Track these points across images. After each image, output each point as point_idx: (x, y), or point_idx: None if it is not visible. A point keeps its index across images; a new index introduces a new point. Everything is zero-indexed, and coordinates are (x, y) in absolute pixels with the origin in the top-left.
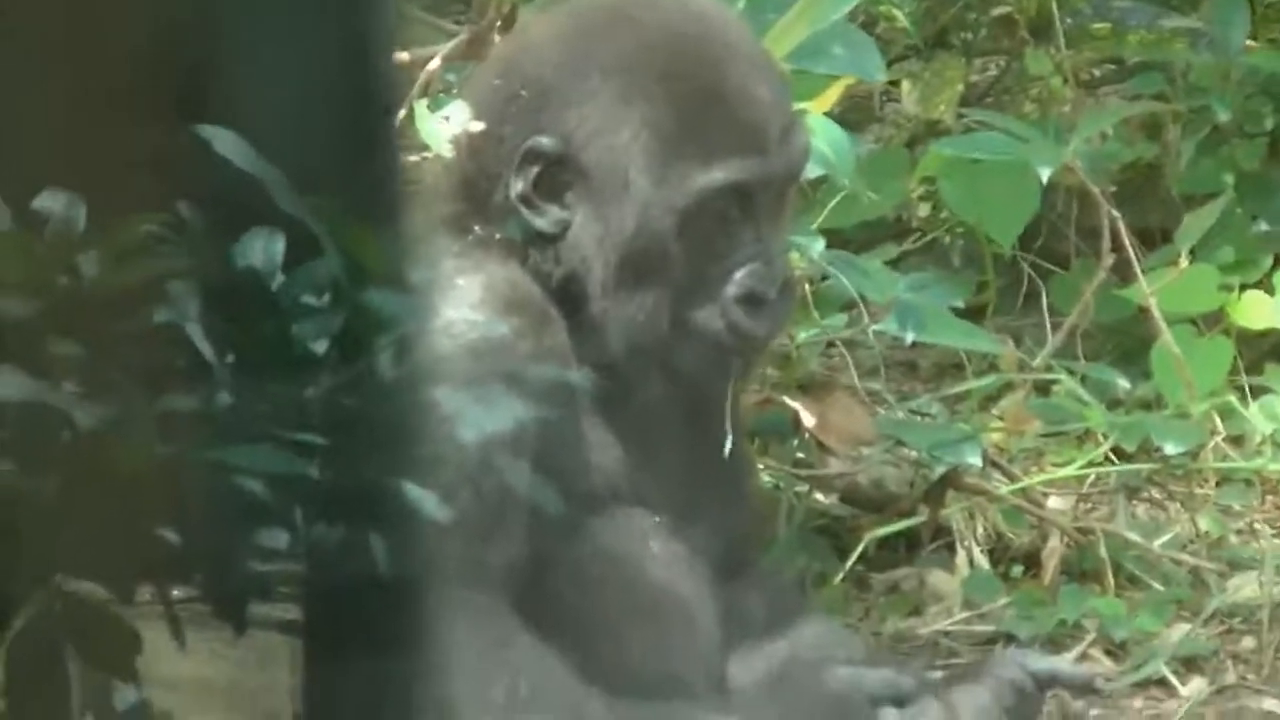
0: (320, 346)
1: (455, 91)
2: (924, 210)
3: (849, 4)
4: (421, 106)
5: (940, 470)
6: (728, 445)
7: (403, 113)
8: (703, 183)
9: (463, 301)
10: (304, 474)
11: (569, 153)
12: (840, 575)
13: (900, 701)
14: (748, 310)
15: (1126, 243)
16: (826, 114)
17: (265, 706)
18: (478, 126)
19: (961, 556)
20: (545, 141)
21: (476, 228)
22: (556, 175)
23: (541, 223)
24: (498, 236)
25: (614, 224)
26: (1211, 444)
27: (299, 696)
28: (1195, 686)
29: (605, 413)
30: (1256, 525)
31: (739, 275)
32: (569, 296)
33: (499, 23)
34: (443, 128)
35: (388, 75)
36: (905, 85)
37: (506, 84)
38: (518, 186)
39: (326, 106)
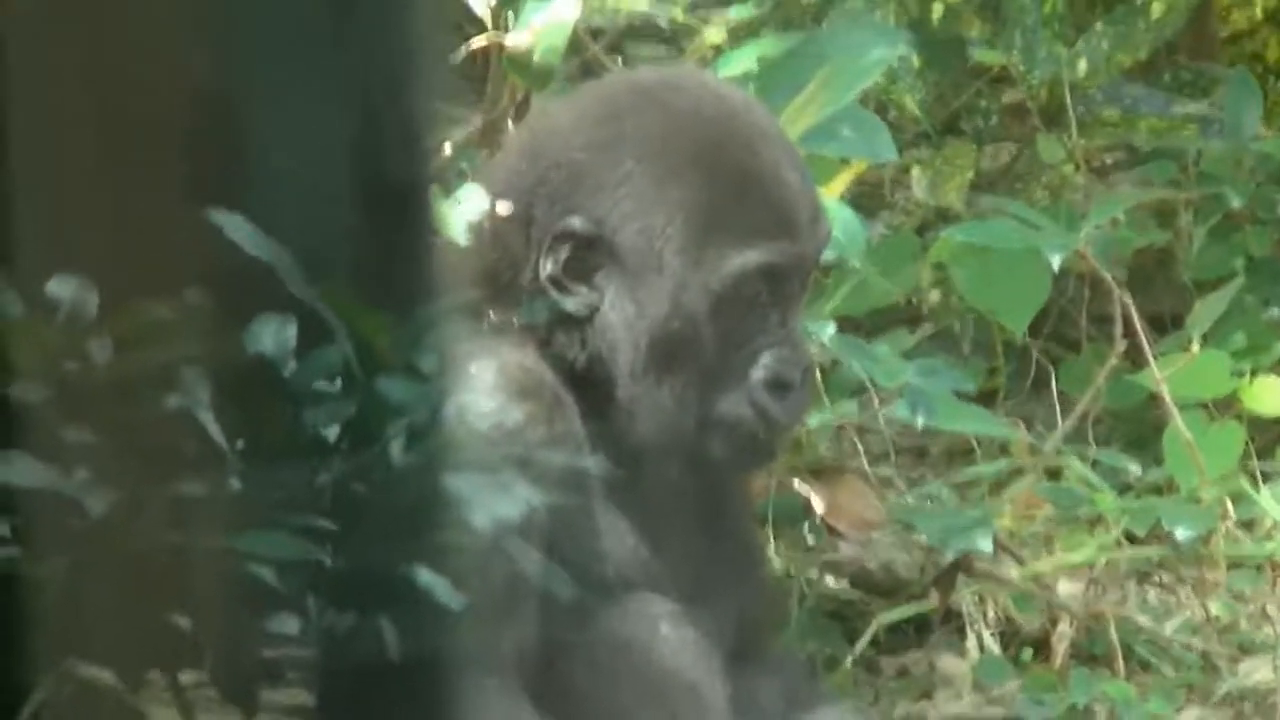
0: (332, 433)
1: (469, 178)
2: (935, 296)
3: (860, 87)
4: (436, 192)
5: (950, 555)
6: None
7: None
8: (738, 265)
9: (476, 387)
10: (315, 560)
11: (602, 234)
12: (850, 659)
13: None
14: (774, 395)
15: (1138, 328)
16: (838, 198)
17: None
18: (505, 208)
19: (972, 640)
20: (578, 222)
21: (493, 313)
22: (588, 257)
23: (570, 304)
24: (515, 322)
25: (646, 306)
26: (1222, 529)
27: None
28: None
29: (618, 499)
30: (1268, 610)
31: (765, 360)
32: (591, 381)
33: (513, 110)
34: (457, 214)
35: (425, 156)
36: (916, 172)
37: (533, 167)
38: (547, 267)
39: (360, 185)
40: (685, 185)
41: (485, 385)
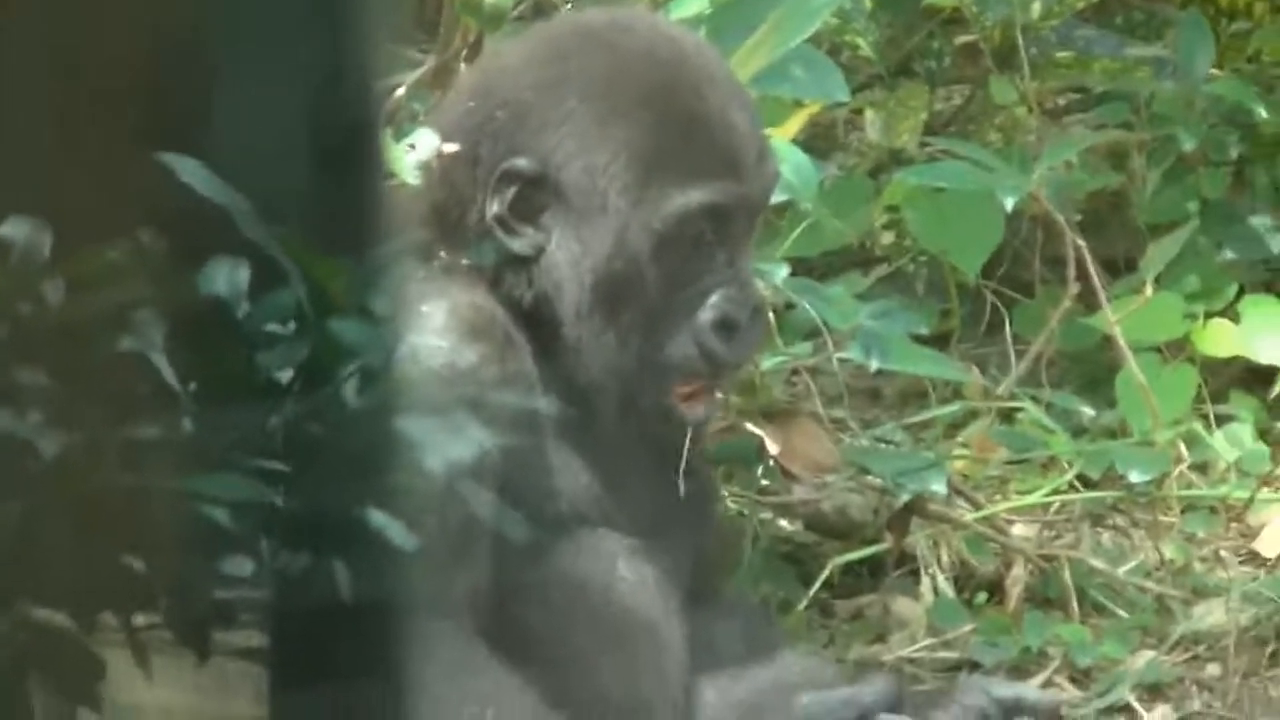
0: (285, 375)
1: (421, 120)
2: (888, 238)
3: (811, 28)
4: (387, 135)
5: (905, 498)
6: (682, 481)
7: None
8: (681, 204)
9: (427, 328)
10: (268, 502)
11: (547, 174)
12: (804, 602)
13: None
14: (721, 335)
15: (1091, 271)
16: (790, 140)
17: None
18: (451, 149)
19: (926, 583)
20: (523, 162)
21: (443, 254)
22: (533, 197)
23: (517, 245)
24: (464, 262)
25: (590, 245)
26: (1176, 471)
27: None
28: (1160, 714)
29: (571, 437)
30: (1221, 553)
31: (713, 300)
32: (540, 321)
33: (464, 51)
34: (409, 156)
35: (373, 97)
36: (869, 113)
37: (481, 106)
38: (493, 208)
39: (310, 128)
40: (629, 124)
41: (436, 325)
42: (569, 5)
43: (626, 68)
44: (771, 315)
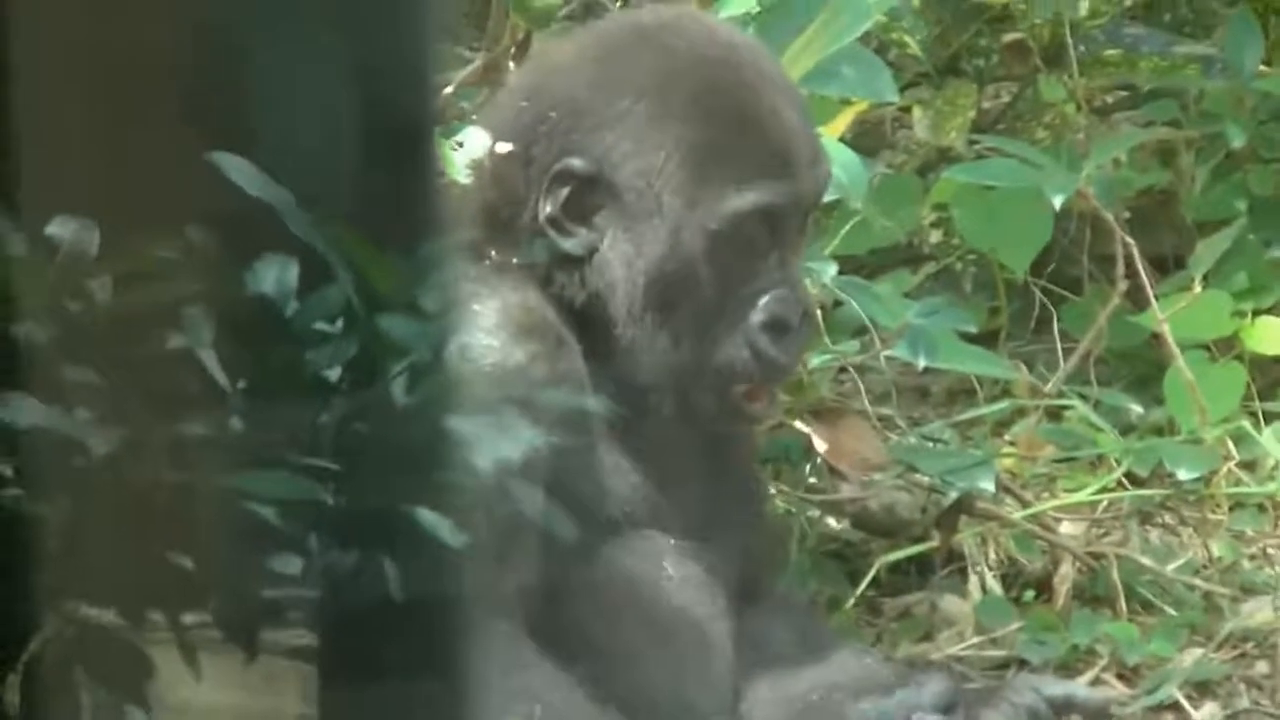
0: (334, 372)
1: (470, 118)
2: (936, 236)
3: (861, 28)
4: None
5: (953, 496)
6: (732, 480)
7: None
8: (735, 205)
9: (478, 326)
10: (317, 500)
11: (601, 174)
12: (852, 600)
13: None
14: (773, 337)
15: (1140, 268)
16: (839, 139)
17: None
18: (505, 148)
19: (974, 581)
20: (577, 163)
21: (494, 253)
22: (587, 197)
23: (569, 245)
24: (515, 261)
25: (644, 246)
26: (1224, 469)
27: None
28: (1208, 711)
29: (621, 437)
30: (1270, 550)
31: (764, 301)
32: (591, 321)
33: (513, 50)
34: (458, 154)
35: (428, 94)
36: (917, 111)
37: (534, 106)
38: (547, 208)
39: (365, 126)
40: (684, 125)
41: (488, 324)
42: (619, 4)
43: (680, 68)
44: (819, 313)
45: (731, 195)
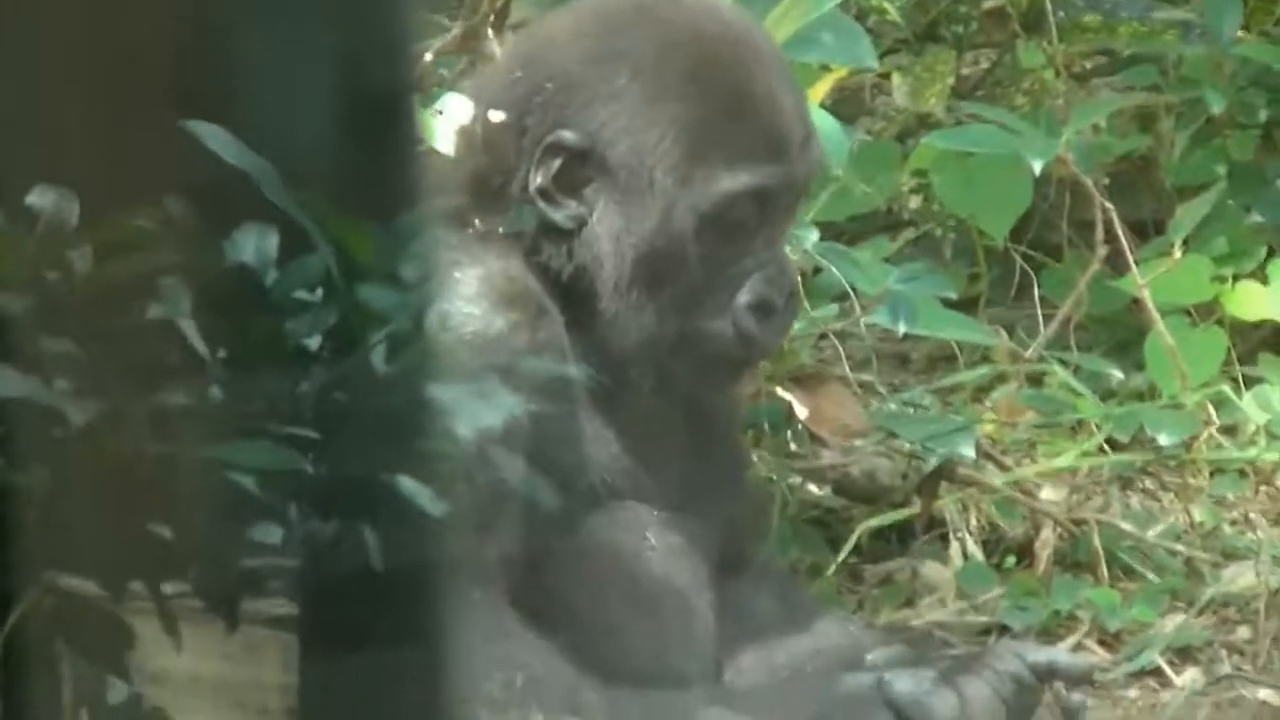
0: (313, 341)
1: (450, 85)
2: (915, 203)
3: None
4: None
5: (933, 462)
6: (713, 449)
7: None
8: (727, 187)
9: (460, 293)
10: (297, 469)
11: (593, 148)
12: (833, 567)
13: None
14: (758, 318)
15: (1119, 234)
16: (818, 105)
17: (257, 702)
18: (497, 117)
19: (955, 548)
20: (570, 136)
21: (478, 221)
22: (578, 170)
23: (558, 217)
24: (501, 230)
25: (634, 222)
26: (1205, 434)
27: (292, 692)
28: (1190, 677)
29: (602, 407)
30: (1251, 515)
31: (751, 281)
32: (576, 293)
33: (492, 17)
34: (438, 122)
35: (407, 62)
36: (896, 78)
37: (528, 77)
38: (537, 179)
39: (345, 93)
40: (679, 103)
41: (469, 291)
42: None
43: (677, 45)
44: (800, 279)
45: (724, 176)
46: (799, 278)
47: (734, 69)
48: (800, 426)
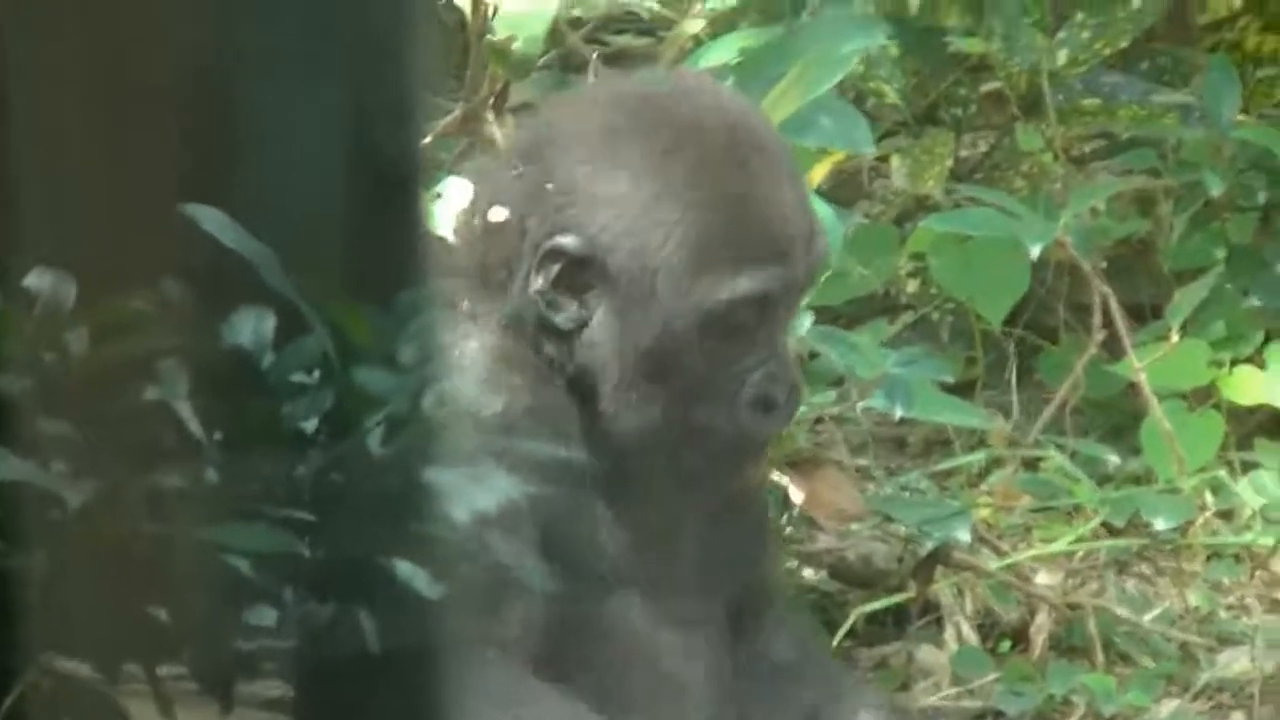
0: (310, 424)
1: (452, 169)
2: (913, 286)
3: (837, 77)
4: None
5: (929, 546)
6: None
7: None
8: (729, 293)
9: (459, 368)
10: (293, 552)
11: (594, 254)
12: (829, 651)
13: None
14: (760, 414)
15: (1116, 318)
16: (815, 189)
17: None
18: (499, 214)
19: (950, 632)
20: (570, 241)
21: (480, 309)
22: (579, 275)
23: (559, 319)
24: (504, 324)
25: (635, 328)
26: (1201, 519)
27: None
28: None
29: (606, 490)
30: (1246, 600)
31: (753, 378)
32: (579, 387)
33: (492, 99)
34: (438, 206)
35: (417, 143)
36: (894, 161)
37: (530, 175)
38: (538, 282)
39: (348, 175)
40: (680, 207)
41: (469, 364)
42: (595, 55)
43: (678, 146)
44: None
45: (727, 284)
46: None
47: (737, 170)
48: (796, 511)
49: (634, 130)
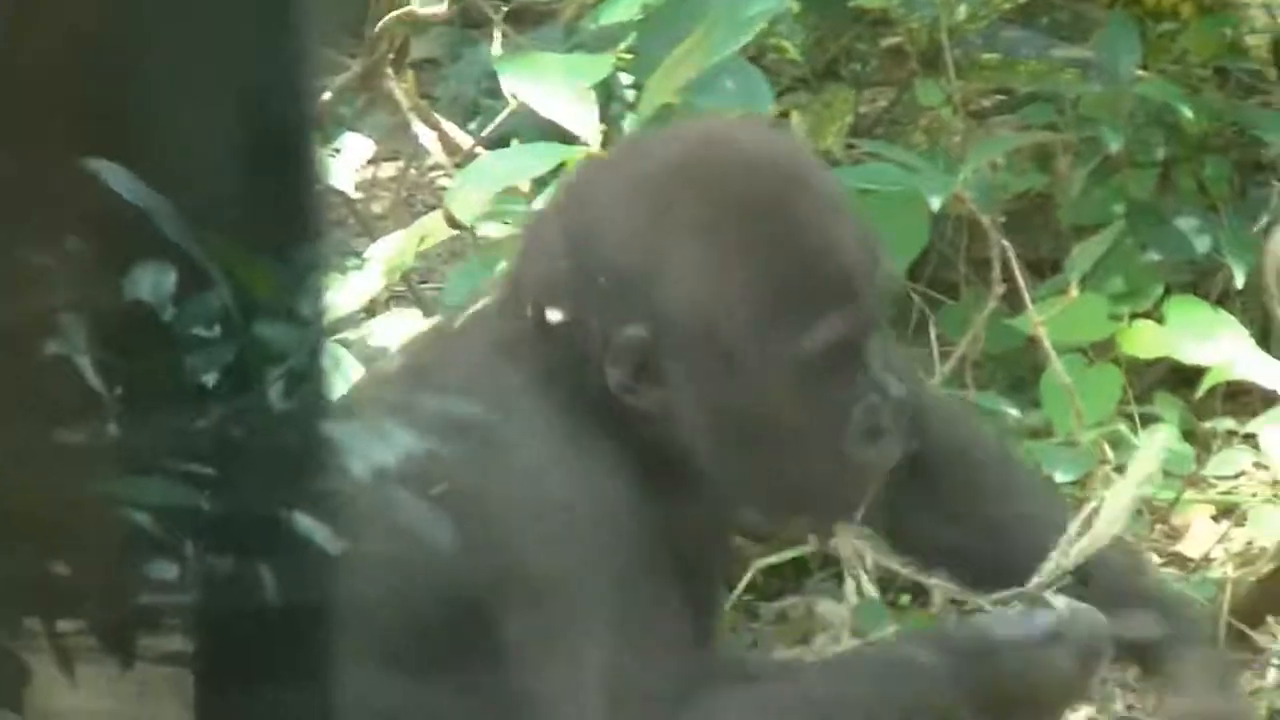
0: (211, 378)
1: (348, 124)
2: None
3: (744, 40)
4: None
5: None
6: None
7: None
8: (807, 346)
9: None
10: (193, 505)
11: (662, 338)
12: (729, 603)
13: None
14: (869, 445)
15: (1016, 272)
16: None
17: None
18: (556, 316)
19: (850, 585)
20: (636, 332)
21: (565, 419)
22: (653, 359)
23: (644, 405)
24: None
25: (720, 397)
26: (1101, 472)
27: None
28: (1083, 715)
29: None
30: (1146, 554)
31: (855, 414)
32: (670, 461)
33: (392, 55)
34: (338, 161)
35: (310, 99)
36: (795, 116)
37: (581, 271)
38: (615, 377)
39: (246, 129)
40: (740, 270)
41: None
42: (498, 12)
43: (729, 209)
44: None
45: (803, 336)
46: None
47: (791, 220)
48: None
49: (681, 198)
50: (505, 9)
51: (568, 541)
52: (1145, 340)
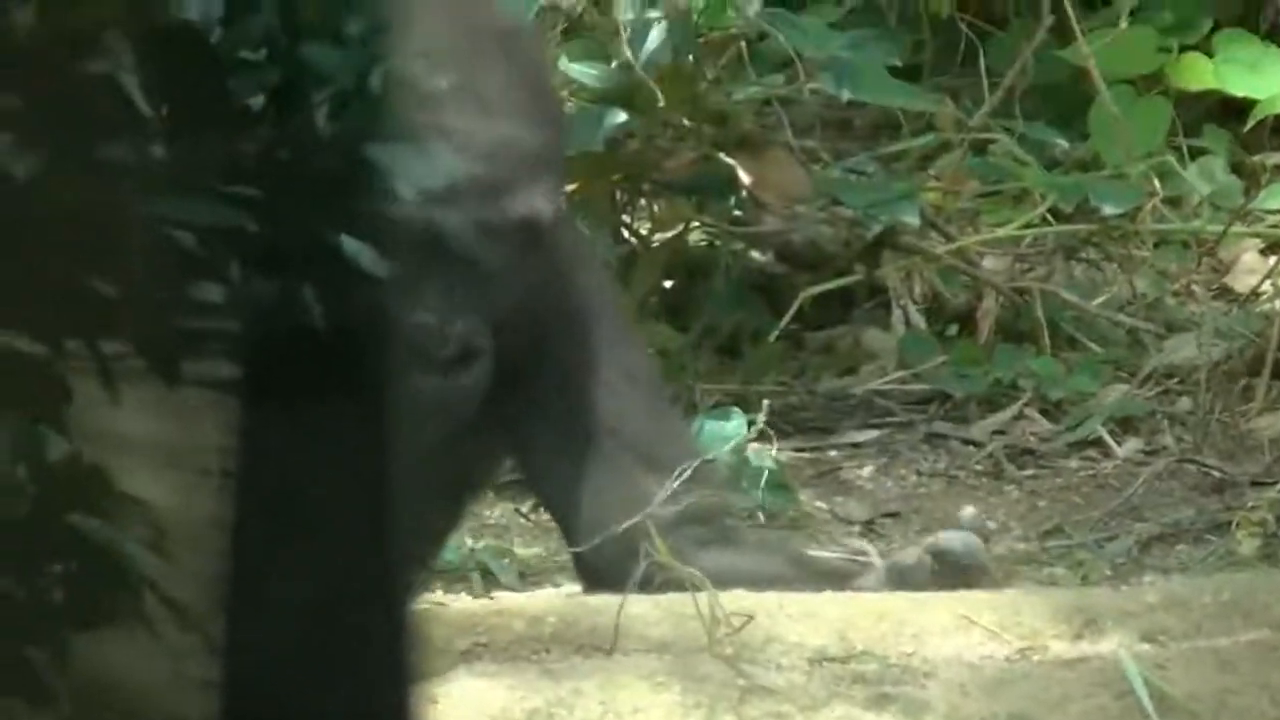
0: (257, 100)
1: None
2: None
3: None
4: None
5: (876, 229)
6: None
7: None
8: None
9: None
10: (239, 227)
11: None
12: (775, 333)
13: None
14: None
15: (1066, 4)
16: None
17: (196, 463)
18: None
19: (897, 315)
20: None
21: None
22: None
23: None
24: None
25: None
26: (1149, 205)
27: (230, 453)
28: (1131, 447)
29: None
30: (1194, 287)
31: None
32: None
33: None
34: None
35: None
36: None
37: None
38: None
39: None
40: None
41: None
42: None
43: None
44: (744, 45)
45: None
46: (743, 40)
47: None
48: (744, 193)
49: None
50: None
51: None
52: (1194, 72)
